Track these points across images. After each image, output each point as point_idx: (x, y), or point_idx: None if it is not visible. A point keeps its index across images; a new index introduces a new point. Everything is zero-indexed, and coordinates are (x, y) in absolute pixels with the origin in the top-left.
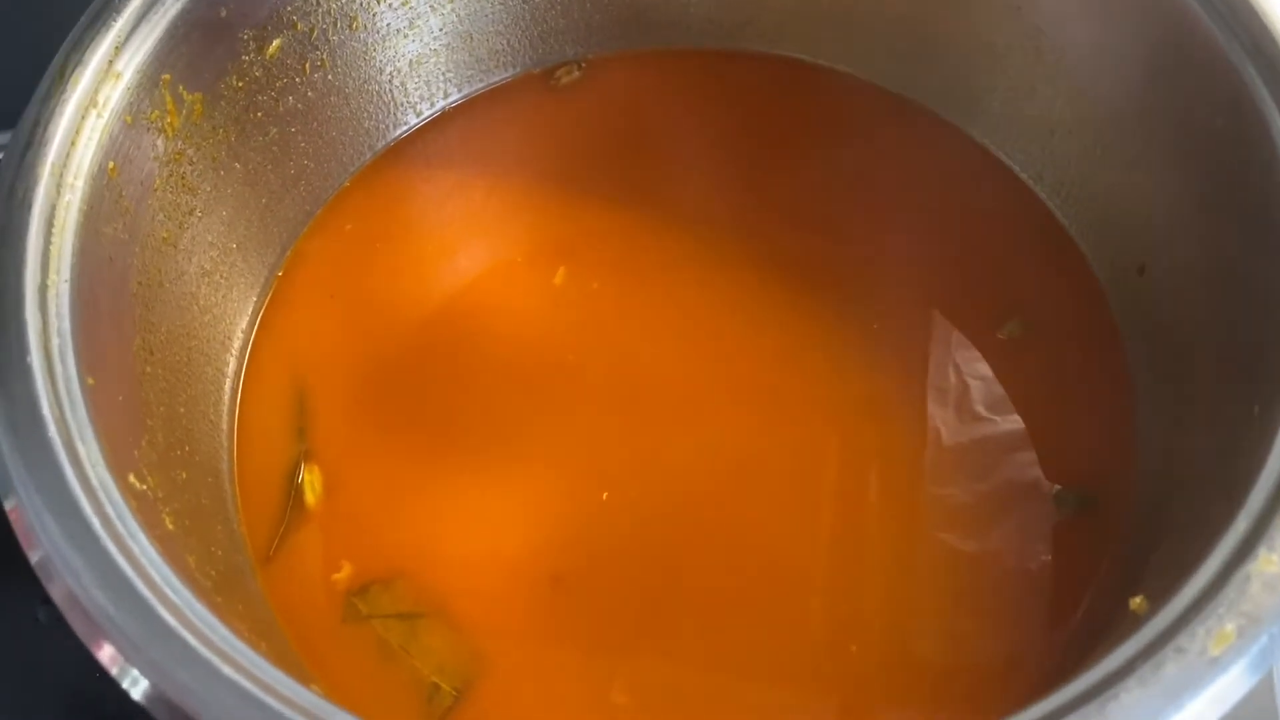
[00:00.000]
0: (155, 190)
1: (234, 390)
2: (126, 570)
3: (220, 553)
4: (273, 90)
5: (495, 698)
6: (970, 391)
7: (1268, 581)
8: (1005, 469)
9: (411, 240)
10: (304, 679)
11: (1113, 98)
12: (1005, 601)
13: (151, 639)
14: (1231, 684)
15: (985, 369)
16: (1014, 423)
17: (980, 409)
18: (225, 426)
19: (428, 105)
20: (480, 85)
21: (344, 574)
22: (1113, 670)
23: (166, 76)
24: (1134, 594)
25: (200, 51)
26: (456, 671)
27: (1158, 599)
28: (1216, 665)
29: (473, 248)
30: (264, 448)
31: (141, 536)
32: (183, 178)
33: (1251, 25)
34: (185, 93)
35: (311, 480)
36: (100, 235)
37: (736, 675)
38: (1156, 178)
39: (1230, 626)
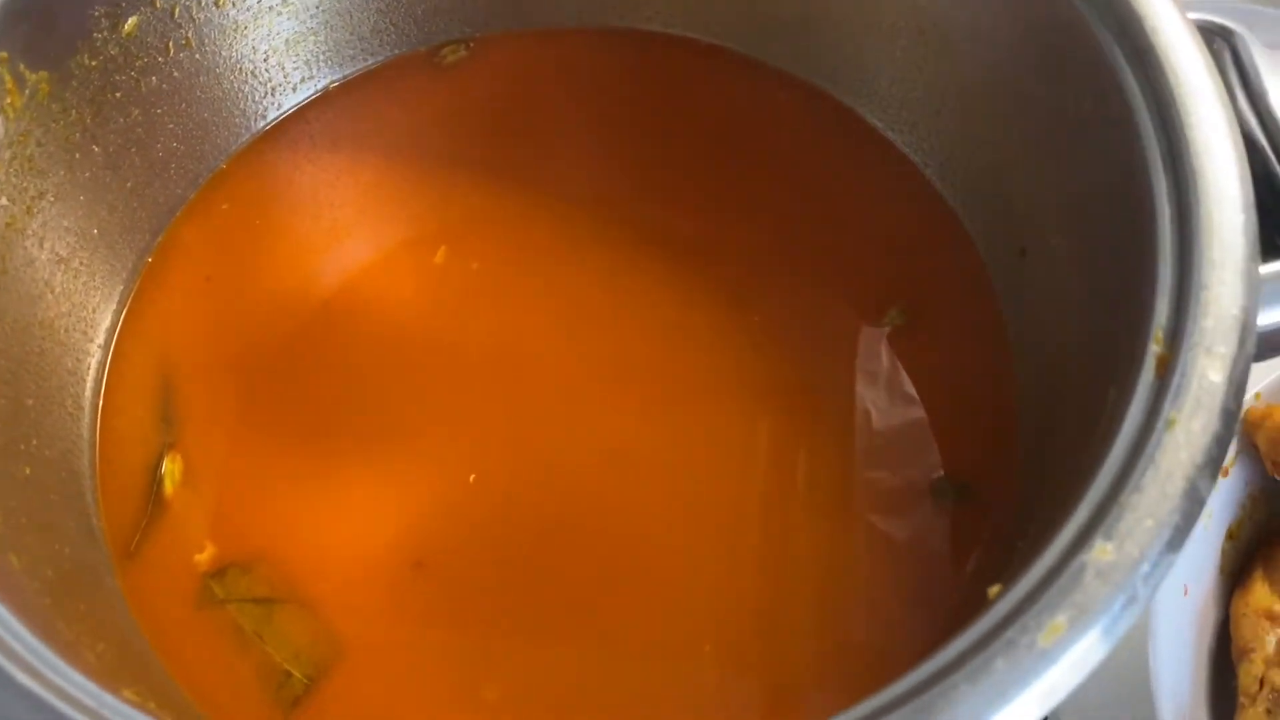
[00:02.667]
0: None
1: (97, 380)
2: None
3: (68, 550)
4: (132, 70)
5: (349, 688)
6: (857, 386)
7: (1101, 571)
8: (891, 460)
9: (290, 223)
10: (134, 679)
11: (991, 79)
12: (879, 589)
13: None
14: (1060, 678)
15: (872, 361)
16: (902, 412)
17: (870, 397)
18: (86, 419)
19: (308, 86)
20: (363, 65)
21: (206, 555)
22: (944, 664)
23: (3, 54)
24: (1000, 580)
25: (42, 28)
26: (311, 659)
27: (1007, 589)
28: (1045, 658)
29: (354, 229)
30: (129, 439)
31: None
32: (29, 160)
33: (1119, 9)
34: (27, 71)
35: (172, 470)
36: None
37: (609, 667)
38: (1031, 159)
39: (1061, 618)
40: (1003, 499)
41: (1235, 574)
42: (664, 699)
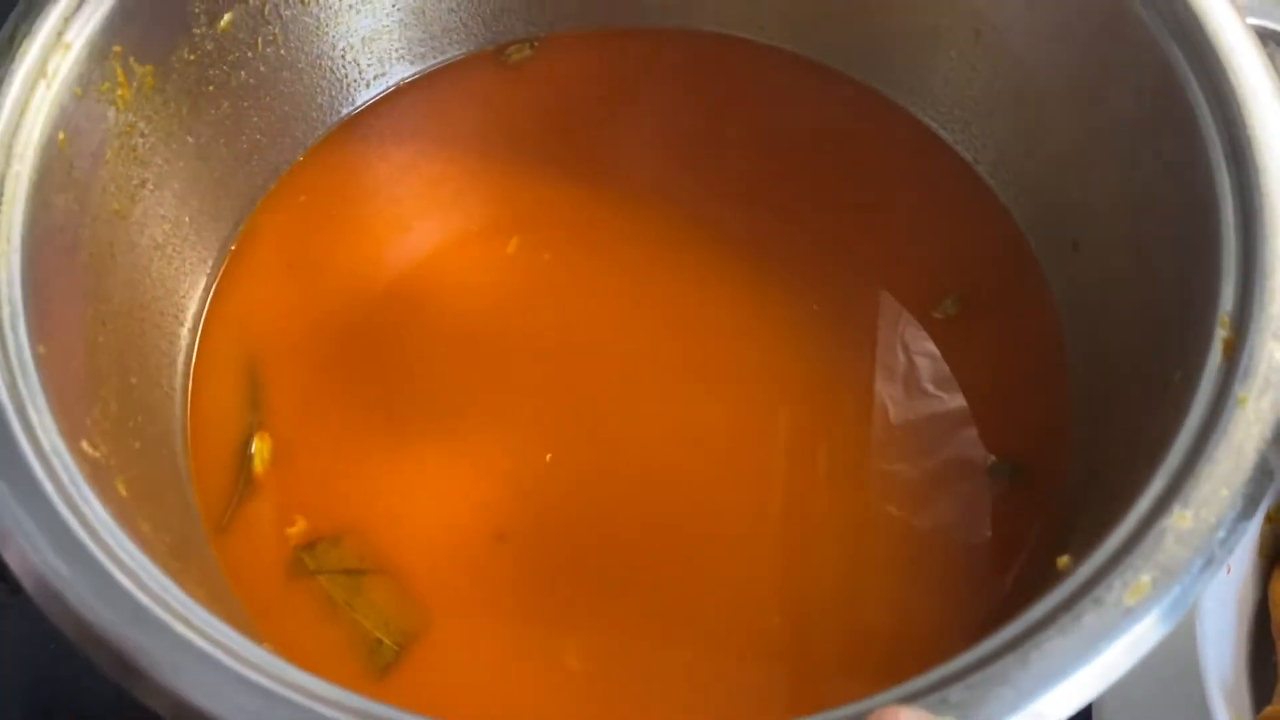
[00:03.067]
0: (106, 162)
1: (187, 363)
2: (80, 534)
3: (175, 522)
4: (225, 64)
5: (439, 654)
6: (915, 369)
7: (1181, 536)
8: (945, 445)
9: (365, 213)
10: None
11: (1048, 80)
12: (940, 569)
13: (106, 601)
14: (1146, 632)
15: (928, 346)
16: (954, 398)
17: (923, 386)
18: (179, 399)
19: (381, 82)
20: (433, 62)
21: (298, 528)
22: (1036, 620)
23: (117, 48)
24: (1063, 554)
25: (151, 23)
26: (400, 628)
27: (1081, 557)
28: (1132, 614)
29: (425, 220)
30: (218, 419)
31: (95, 502)
32: (134, 150)
33: (1179, 11)
34: (136, 64)
35: (261, 449)
36: (50, 205)
37: (685, 641)
38: (1089, 158)
39: (1145, 578)
40: (1057, 480)
41: (1273, 556)
42: (737, 668)
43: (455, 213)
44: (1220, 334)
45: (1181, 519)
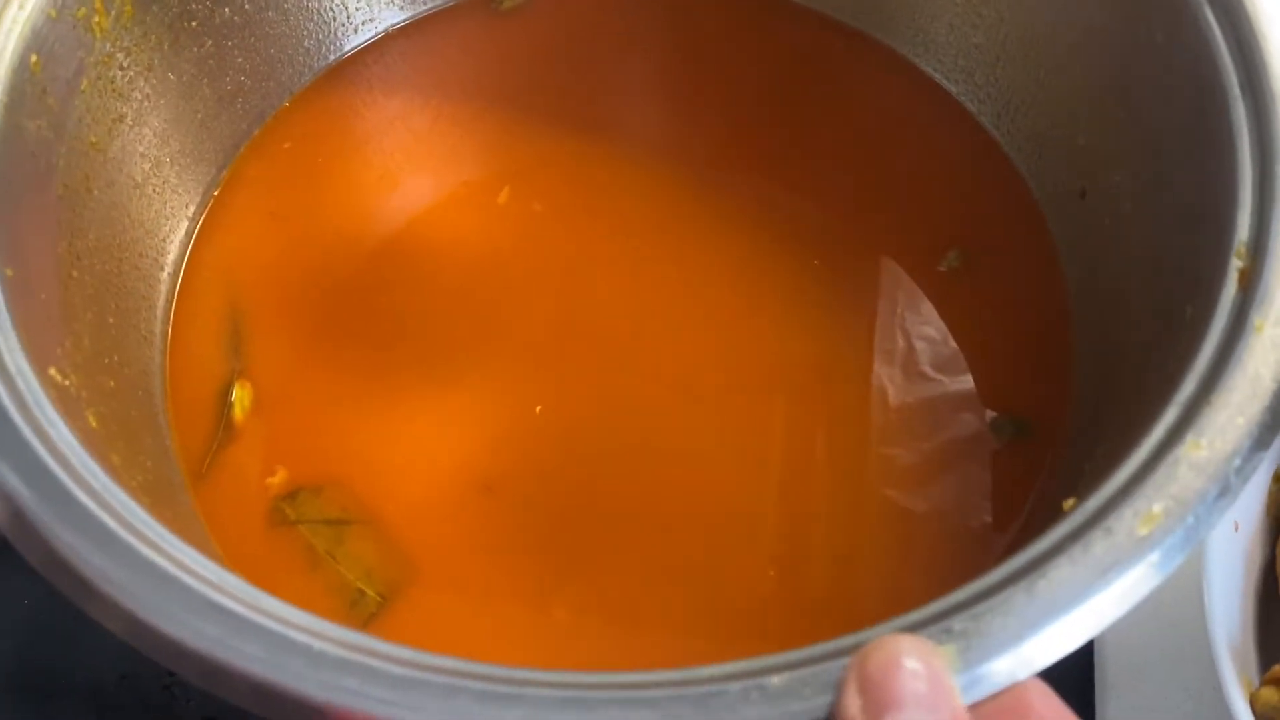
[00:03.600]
0: (82, 92)
1: (167, 308)
2: (41, 453)
3: (150, 463)
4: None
5: (423, 606)
6: (918, 324)
7: (1194, 464)
8: (948, 399)
9: (352, 161)
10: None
11: (1057, 20)
12: (941, 524)
13: (67, 521)
14: (1158, 562)
15: (927, 304)
16: (957, 352)
17: (926, 341)
18: (158, 343)
19: (370, 27)
20: (423, 8)
21: (278, 478)
22: (1043, 551)
23: None
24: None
25: None
26: (383, 578)
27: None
28: (1144, 544)
29: (414, 170)
30: (198, 365)
31: (61, 426)
32: (112, 82)
33: None
34: None
35: (241, 397)
36: (22, 129)
37: (674, 594)
38: (1098, 98)
39: (1158, 507)
40: (1061, 431)
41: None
42: (728, 619)
43: (445, 162)
44: (1235, 264)
45: (1195, 448)
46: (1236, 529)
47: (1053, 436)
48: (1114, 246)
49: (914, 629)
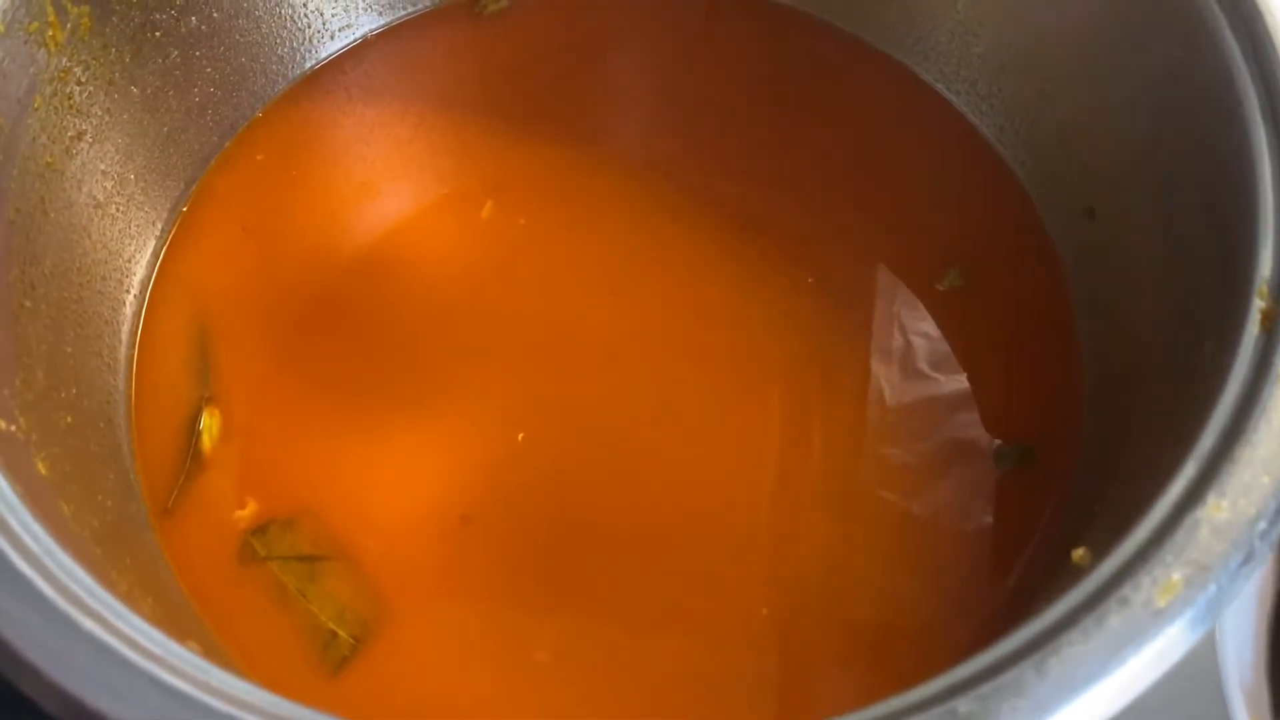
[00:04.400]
0: (36, 109)
1: (132, 332)
2: None
3: (110, 502)
4: (173, 8)
5: (398, 647)
6: (913, 349)
7: (1217, 528)
8: (946, 426)
9: (328, 173)
10: (185, 635)
11: (1067, 32)
12: (945, 558)
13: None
14: (1178, 636)
15: (928, 324)
16: (956, 379)
17: (924, 365)
18: (121, 370)
19: (346, 34)
20: (402, 13)
21: (248, 511)
22: (1053, 622)
23: None
24: (1076, 546)
25: None
26: (356, 618)
27: (1101, 550)
28: (1163, 616)
29: (393, 183)
30: (165, 392)
31: (0, 480)
32: (69, 98)
33: None
34: (69, 4)
35: (210, 425)
36: None
37: (658, 631)
38: (1109, 115)
39: (1178, 576)
40: (1068, 463)
41: None
42: (718, 660)
43: (425, 175)
44: (1258, 304)
45: (1216, 509)
46: None
47: (1060, 468)
48: (1125, 272)
49: (920, 707)
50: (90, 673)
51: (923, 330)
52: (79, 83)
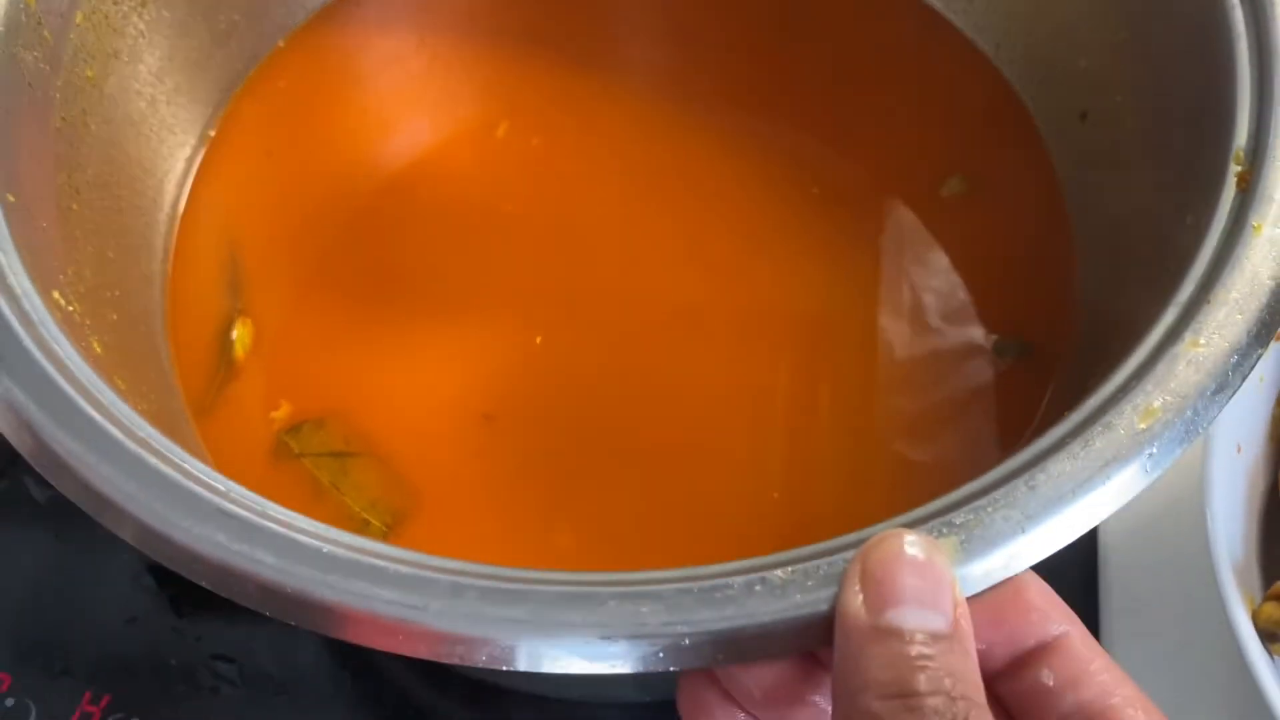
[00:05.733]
0: (77, 25)
1: (166, 248)
2: (49, 368)
3: (154, 395)
4: None
5: (427, 534)
6: (915, 251)
7: (1193, 361)
8: (952, 323)
9: (349, 100)
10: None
11: None
12: (948, 446)
13: (77, 434)
14: (1157, 455)
15: (930, 227)
16: (961, 277)
17: (929, 267)
18: (157, 282)
19: None
20: None
21: (281, 412)
22: (1045, 448)
23: None
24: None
25: None
26: (388, 507)
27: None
28: (1143, 437)
29: (411, 107)
30: (198, 304)
31: (67, 345)
32: (106, 17)
33: None
34: None
35: (242, 334)
36: (18, 59)
37: (670, 515)
38: (1097, 20)
39: (1157, 402)
40: (1065, 352)
41: None
42: (731, 541)
43: (441, 99)
44: (1234, 169)
45: (1194, 345)
46: (1239, 451)
47: (1056, 357)
48: (1115, 166)
49: (917, 524)
50: (162, 506)
51: (926, 233)
52: (115, 3)
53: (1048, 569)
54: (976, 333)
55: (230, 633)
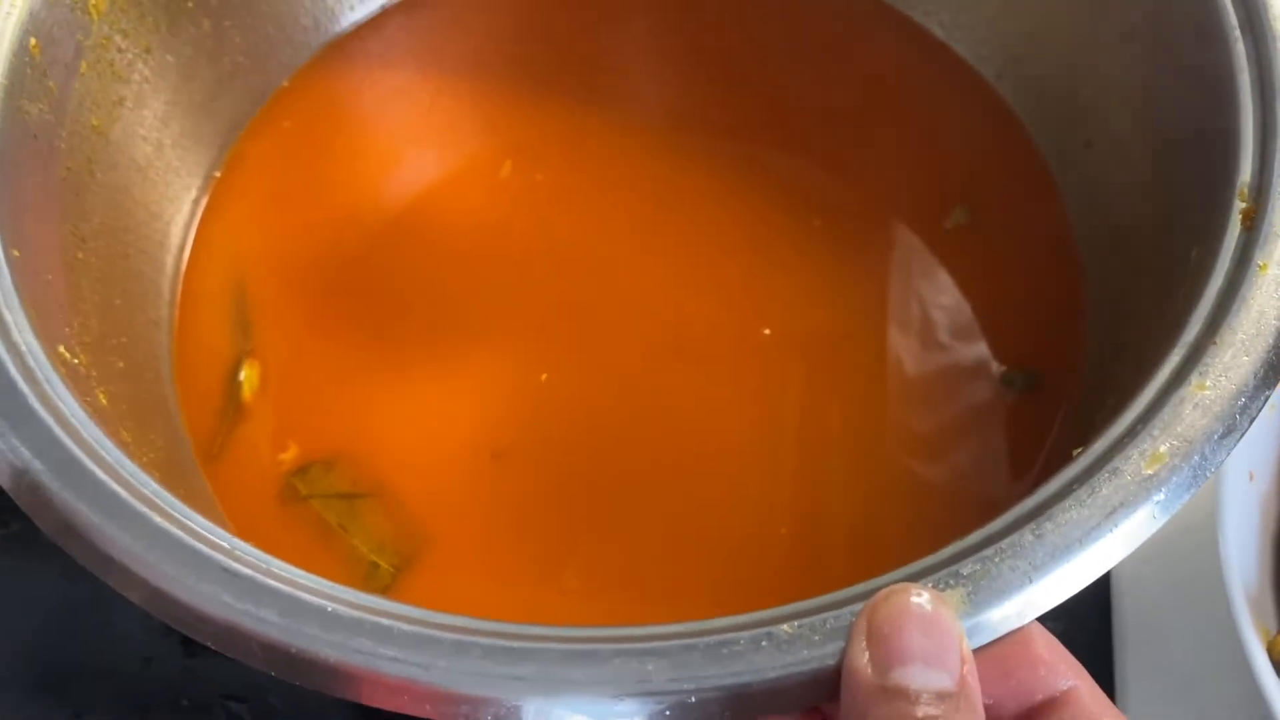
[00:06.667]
0: (82, 74)
1: (173, 290)
2: (52, 425)
3: (161, 442)
4: None
5: (436, 575)
6: (922, 283)
7: (1200, 404)
8: (958, 355)
9: (352, 139)
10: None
11: None
12: (955, 479)
13: (81, 492)
14: (1164, 501)
15: (935, 259)
16: (967, 309)
17: (935, 299)
18: (165, 326)
19: (368, 3)
20: None
21: (289, 454)
22: (1051, 494)
23: None
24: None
25: None
26: (396, 550)
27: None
28: (1150, 483)
29: (416, 145)
30: (205, 347)
31: (72, 401)
32: (111, 65)
33: None
34: None
35: (250, 376)
36: (23, 112)
37: (680, 555)
38: (1100, 52)
39: (1164, 447)
40: (1073, 384)
41: None
42: (741, 584)
43: (445, 137)
44: (1239, 205)
45: (1200, 388)
46: (1252, 479)
47: (1065, 389)
48: (1121, 196)
49: (925, 574)
50: (167, 565)
51: (930, 264)
52: (119, 50)
53: (1062, 604)
54: (984, 363)
55: (241, 672)
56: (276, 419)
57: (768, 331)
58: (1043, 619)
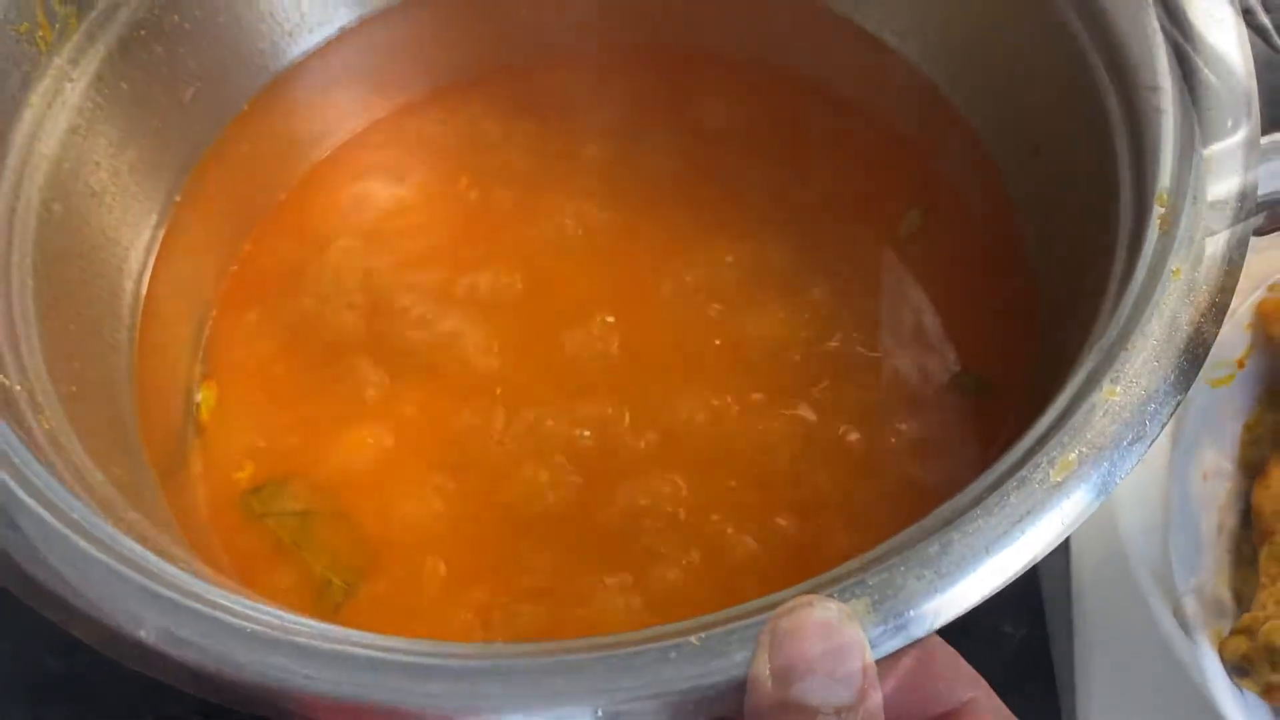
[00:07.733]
0: (31, 105)
1: (132, 314)
2: None
3: (116, 464)
4: (156, 6)
5: (387, 591)
6: (881, 286)
7: (1110, 411)
8: (910, 359)
9: (309, 161)
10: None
11: None
12: (904, 484)
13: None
14: (1073, 509)
15: (888, 264)
16: (919, 313)
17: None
18: (123, 350)
19: (325, 27)
20: (376, 6)
21: (245, 473)
22: (963, 504)
23: None
24: None
25: None
26: (348, 566)
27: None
28: (1058, 491)
29: (374, 166)
30: (164, 372)
31: (6, 430)
32: (61, 93)
33: None
34: (58, 4)
35: (207, 398)
36: None
37: (632, 568)
38: (1042, 60)
39: (1073, 455)
40: (1022, 389)
41: (1253, 465)
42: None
43: (402, 158)
44: (1158, 210)
45: (1111, 394)
46: (1205, 479)
47: (1014, 393)
48: (1065, 201)
49: (832, 583)
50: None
51: (884, 268)
52: (70, 79)
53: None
54: (939, 367)
55: None
56: (232, 439)
57: (718, 342)
58: (1008, 623)
